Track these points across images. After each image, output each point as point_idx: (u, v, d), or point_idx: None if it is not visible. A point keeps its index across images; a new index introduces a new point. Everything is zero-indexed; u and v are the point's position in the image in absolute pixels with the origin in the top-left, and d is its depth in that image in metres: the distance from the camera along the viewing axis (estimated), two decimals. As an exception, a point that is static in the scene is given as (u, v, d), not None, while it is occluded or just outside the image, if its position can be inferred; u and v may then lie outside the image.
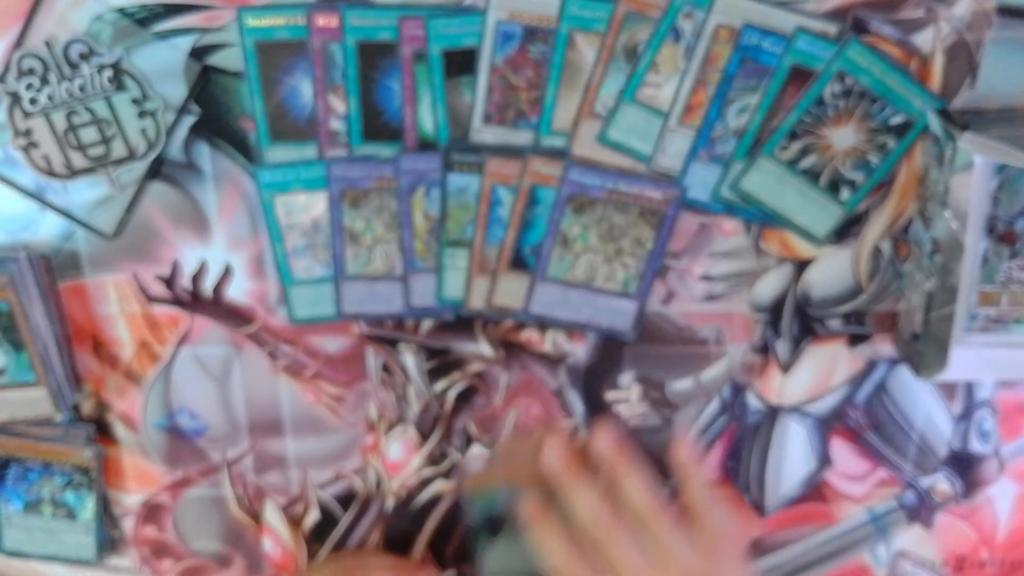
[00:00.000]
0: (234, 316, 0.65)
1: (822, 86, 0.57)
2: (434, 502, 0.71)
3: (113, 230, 0.63)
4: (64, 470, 0.69)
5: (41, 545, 0.72)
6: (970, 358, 0.59)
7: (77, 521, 0.70)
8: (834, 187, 0.60)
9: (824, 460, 0.68)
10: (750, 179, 0.60)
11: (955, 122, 0.56)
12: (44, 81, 0.58)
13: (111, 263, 0.64)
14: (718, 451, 0.69)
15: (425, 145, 0.60)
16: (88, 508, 0.70)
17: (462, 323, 0.65)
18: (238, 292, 0.65)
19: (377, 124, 0.59)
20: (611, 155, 0.60)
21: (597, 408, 0.68)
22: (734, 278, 0.63)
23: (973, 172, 0.54)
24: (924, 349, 0.59)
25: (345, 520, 0.72)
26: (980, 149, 0.53)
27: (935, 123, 0.57)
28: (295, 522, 0.72)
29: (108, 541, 0.72)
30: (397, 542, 0.72)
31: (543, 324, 0.65)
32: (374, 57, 0.58)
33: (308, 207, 0.62)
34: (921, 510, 0.70)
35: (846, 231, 0.61)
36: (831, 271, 0.63)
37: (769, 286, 0.63)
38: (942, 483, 0.69)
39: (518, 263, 0.62)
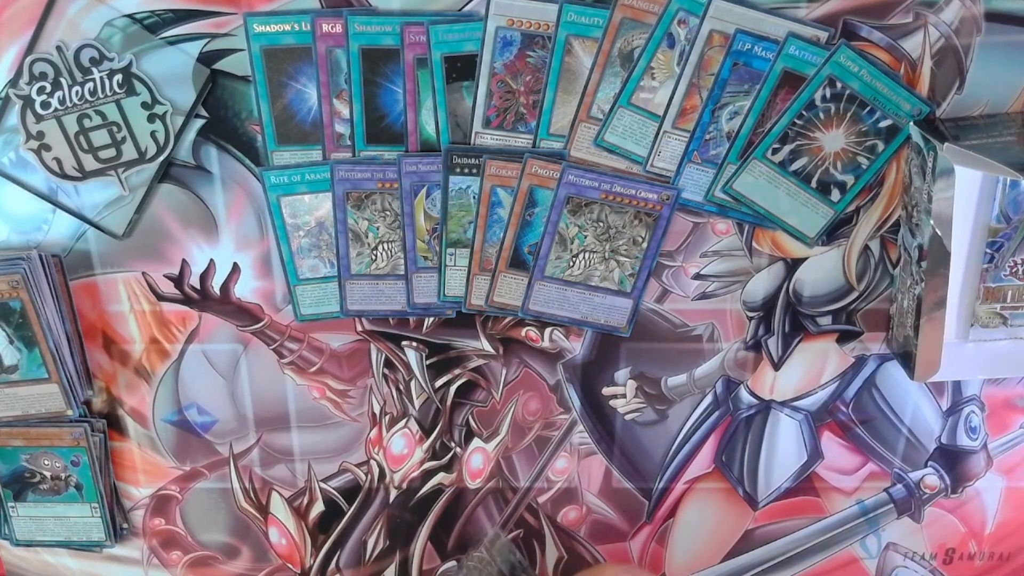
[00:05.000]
0: (242, 314, 0.66)
1: (813, 90, 0.58)
2: (436, 494, 0.72)
3: (123, 230, 0.63)
4: (62, 450, 0.69)
5: (51, 533, 0.72)
6: (961, 359, 0.60)
7: (84, 502, 0.71)
8: (824, 188, 0.60)
9: (815, 454, 0.69)
10: (742, 181, 0.60)
11: (937, 132, 0.56)
12: (56, 85, 0.58)
13: (121, 262, 0.64)
14: (711, 445, 0.70)
15: (427, 148, 0.61)
16: (94, 488, 0.70)
17: (463, 320, 0.66)
18: (245, 291, 0.65)
19: (380, 128, 0.60)
20: (607, 157, 0.60)
21: (594, 403, 0.69)
22: (727, 277, 0.64)
23: (955, 181, 0.54)
24: (917, 352, 0.60)
25: (349, 512, 0.73)
26: (959, 159, 0.53)
27: (916, 134, 0.57)
28: (301, 514, 0.73)
29: (119, 530, 0.73)
30: (399, 533, 0.74)
31: (541, 321, 0.66)
32: (377, 62, 0.58)
33: (313, 208, 0.62)
34: (910, 503, 0.71)
35: (836, 231, 0.62)
36: (822, 270, 0.63)
37: (761, 285, 0.64)
38: (931, 477, 0.70)
39: (517, 262, 0.63)
